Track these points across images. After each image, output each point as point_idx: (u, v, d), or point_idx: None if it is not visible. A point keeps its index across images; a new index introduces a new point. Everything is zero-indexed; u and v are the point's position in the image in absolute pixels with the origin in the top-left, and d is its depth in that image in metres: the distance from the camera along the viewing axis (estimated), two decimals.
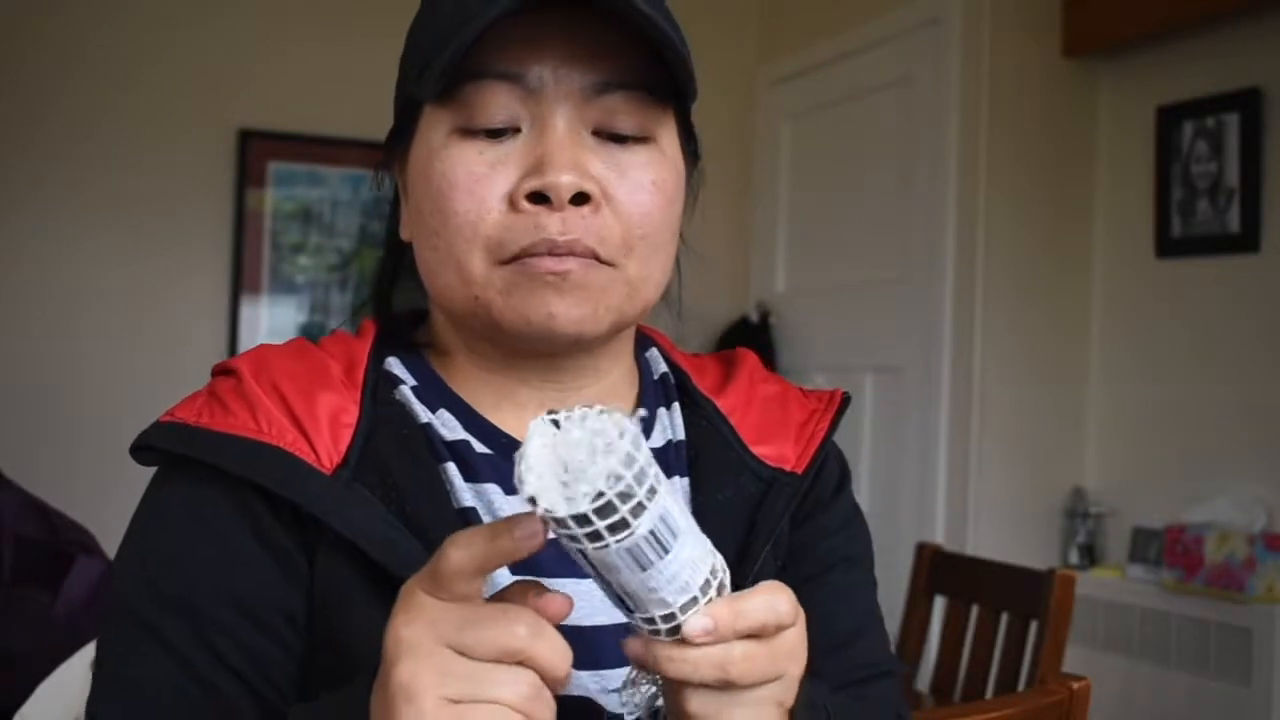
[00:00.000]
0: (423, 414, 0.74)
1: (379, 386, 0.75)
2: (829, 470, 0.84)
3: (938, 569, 2.33)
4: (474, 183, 0.70)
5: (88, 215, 3.15)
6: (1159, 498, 2.88)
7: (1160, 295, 2.94)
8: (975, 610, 2.20)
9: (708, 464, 0.79)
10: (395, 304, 0.84)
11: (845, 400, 0.85)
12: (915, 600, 2.35)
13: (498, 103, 0.70)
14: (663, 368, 0.85)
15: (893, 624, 2.47)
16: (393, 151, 0.79)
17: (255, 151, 3.29)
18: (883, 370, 3.25)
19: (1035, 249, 3.05)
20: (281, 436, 0.68)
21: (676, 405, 0.82)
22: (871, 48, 3.34)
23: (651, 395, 0.82)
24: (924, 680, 2.41)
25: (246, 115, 3.28)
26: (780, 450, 0.81)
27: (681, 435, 0.80)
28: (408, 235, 0.78)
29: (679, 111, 0.78)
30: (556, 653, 0.53)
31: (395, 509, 0.69)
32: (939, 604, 2.35)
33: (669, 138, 0.76)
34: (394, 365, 0.77)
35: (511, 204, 0.70)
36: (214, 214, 3.29)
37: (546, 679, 0.53)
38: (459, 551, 0.52)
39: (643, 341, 0.86)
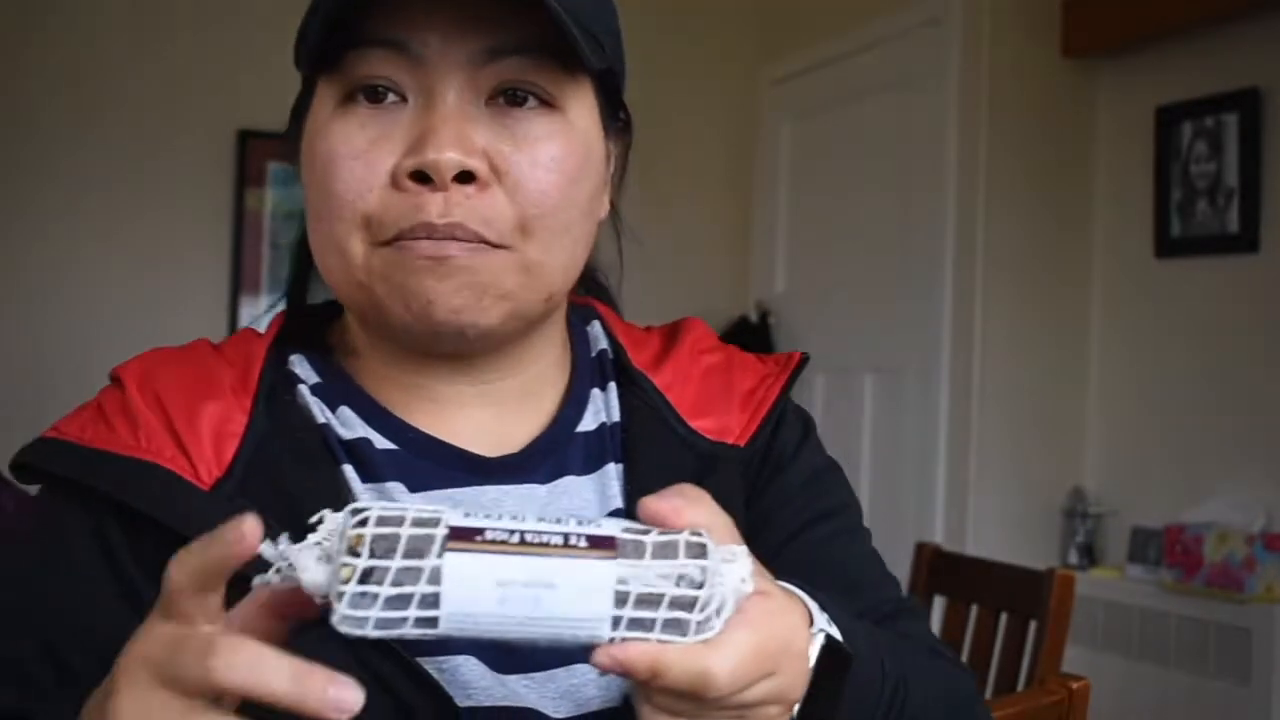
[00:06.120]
0: (320, 414, 0.69)
1: (276, 389, 0.70)
2: (787, 431, 0.78)
3: (937, 569, 2.33)
4: (353, 159, 0.65)
5: (87, 216, 3.15)
6: (1158, 498, 2.88)
7: (1159, 295, 2.94)
8: (974, 610, 2.20)
9: (642, 446, 0.73)
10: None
11: (803, 361, 0.79)
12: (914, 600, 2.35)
13: (379, 72, 0.65)
14: (602, 344, 0.78)
15: None
16: (293, 123, 0.74)
17: (255, 151, 3.29)
18: (882, 370, 3.25)
19: (1034, 249, 3.05)
20: (160, 453, 0.64)
21: (613, 385, 0.76)
22: (871, 48, 3.34)
23: (585, 376, 0.76)
24: None
25: (246, 115, 3.28)
26: (722, 422, 0.75)
27: (617, 417, 0.75)
28: None
29: (604, 82, 0.70)
30: (269, 677, 0.45)
31: (288, 521, 0.60)
32: (938, 604, 2.35)
33: (581, 108, 0.68)
34: (296, 364, 0.72)
35: (394, 181, 0.64)
36: (214, 214, 3.29)
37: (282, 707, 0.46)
38: (175, 567, 0.47)
39: (585, 314, 0.80)
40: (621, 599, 0.48)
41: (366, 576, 0.46)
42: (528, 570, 0.47)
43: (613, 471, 0.73)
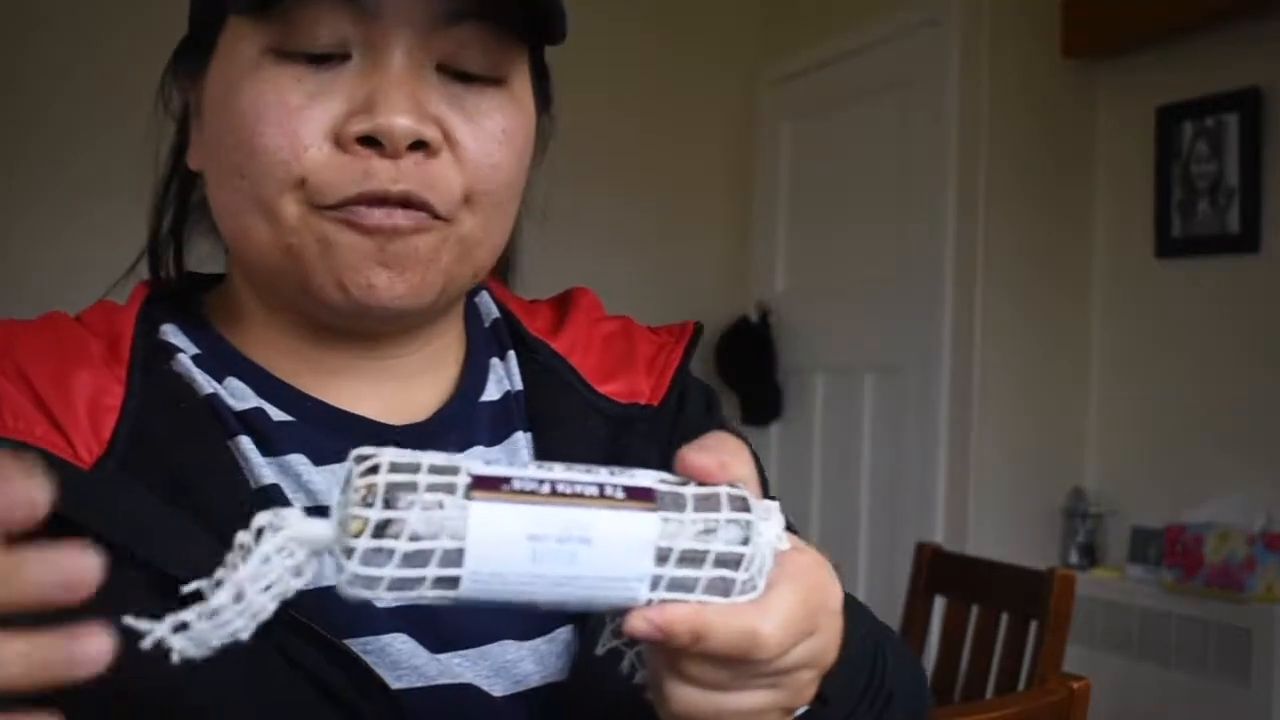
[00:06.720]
0: (206, 385, 0.63)
1: (151, 359, 0.64)
2: (692, 401, 0.75)
3: (937, 569, 2.33)
4: (287, 115, 0.59)
5: (86, 213, 3.15)
6: (1159, 498, 2.88)
7: (1160, 295, 2.94)
8: (975, 610, 2.20)
9: (548, 413, 0.70)
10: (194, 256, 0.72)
11: (697, 331, 0.76)
12: (915, 600, 2.35)
13: (325, 23, 0.59)
14: (494, 313, 0.75)
15: (892, 624, 2.47)
16: (185, 63, 0.67)
17: None
18: (883, 370, 3.25)
19: (1035, 249, 3.05)
20: (30, 431, 0.57)
21: (512, 354, 0.73)
22: (871, 48, 3.34)
23: (483, 347, 0.73)
24: None
25: None
26: (631, 385, 0.72)
27: (520, 385, 0.72)
28: (198, 164, 0.67)
29: (532, 49, 0.67)
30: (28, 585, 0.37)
31: (179, 498, 0.57)
32: (939, 604, 2.35)
33: (522, 81, 0.66)
34: (170, 333, 0.66)
35: (338, 143, 0.59)
36: None
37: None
38: None
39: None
40: (663, 556, 0.44)
41: (381, 530, 0.41)
42: (563, 522, 0.42)
43: (521, 440, 0.70)
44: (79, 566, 0.37)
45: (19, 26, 3.11)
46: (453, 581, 0.42)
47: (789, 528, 0.71)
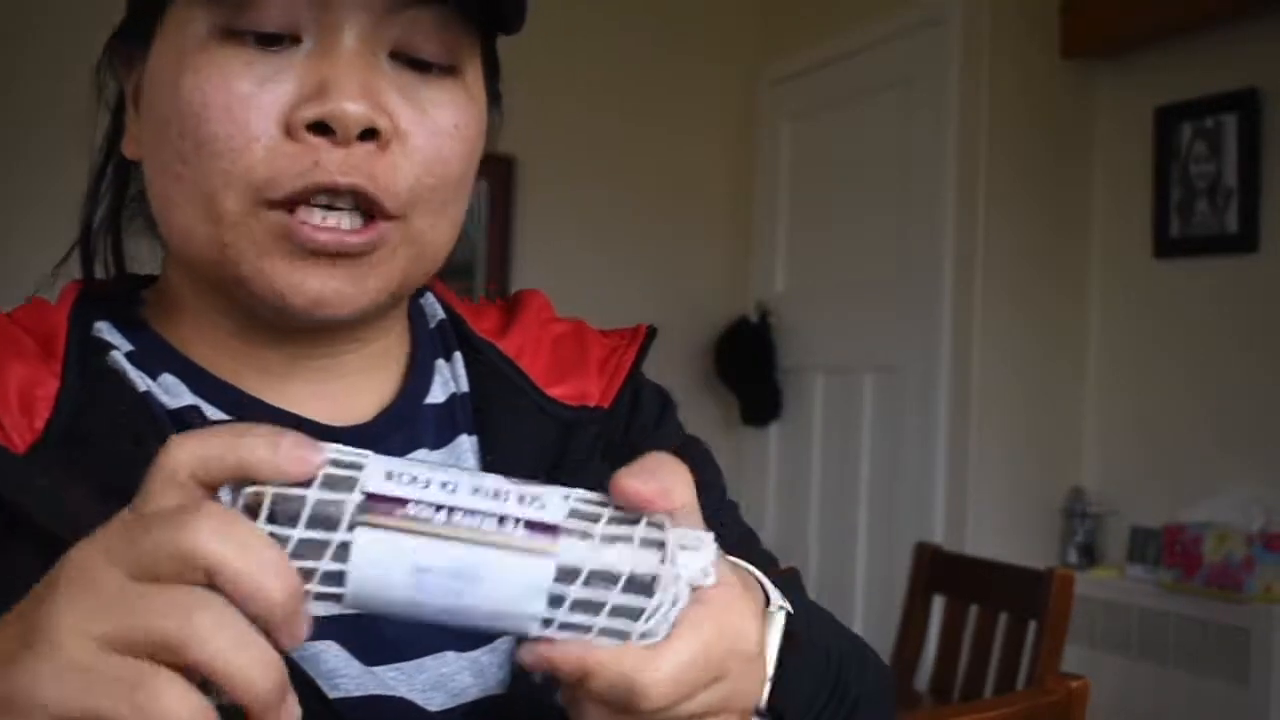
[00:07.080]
0: (140, 382, 0.61)
1: (86, 356, 0.61)
2: (646, 404, 0.74)
3: (937, 569, 2.34)
4: (235, 101, 0.57)
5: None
6: (1157, 497, 2.89)
7: (1158, 295, 2.95)
8: (974, 610, 2.21)
9: (496, 415, 0.68)
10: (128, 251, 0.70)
11: (650, 333, 0.74)
12: (914, 600, 2.36)
13: (277, 2, 0.57)
14: (440, 315, 0.73)
15: (891, 624, 2.48)
16: (122, 46, 0.66)
17: None
18: (882, 370, 3.25)
19: (1034, 249, 3.05)
20: None
21: (458, 355, 0.71)
22: (871, 48, 3.35)
23: (428, 347, 0.71)
24: (923, 680, 2.41)
25: None
26: (581, 388, 0.70)
27: (466, 387, 0.70)
28: (135, 151, 0.65)
29: (485, 42, 0.66)
30: (261, 567, 0.38)
31: (110, 495, 0.52)
32: (938, 604, 2.36)
33: (475, 73, 0.64)
34: (104, 330, 0.64)
35: (288, 132, 0.57)
36: None
37: (255, 611, 0.38)
38: (176, 446, 0.41)
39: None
40: (556, 601, 0.42)
41: None
42: (452, 559, 0.41)
43: (466, 444, 0.68)
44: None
45: (19, 26, 3.11)
46: (335, 597, 0.41)
47: (763, 553, 0.71)
